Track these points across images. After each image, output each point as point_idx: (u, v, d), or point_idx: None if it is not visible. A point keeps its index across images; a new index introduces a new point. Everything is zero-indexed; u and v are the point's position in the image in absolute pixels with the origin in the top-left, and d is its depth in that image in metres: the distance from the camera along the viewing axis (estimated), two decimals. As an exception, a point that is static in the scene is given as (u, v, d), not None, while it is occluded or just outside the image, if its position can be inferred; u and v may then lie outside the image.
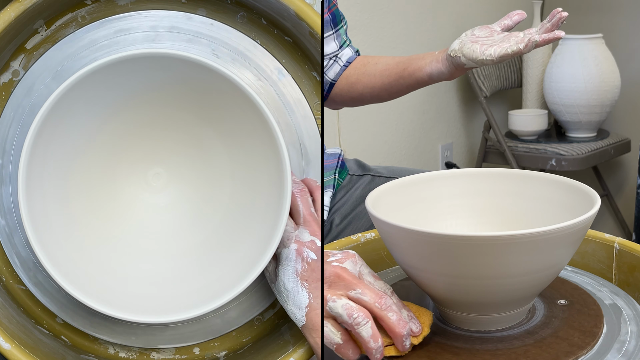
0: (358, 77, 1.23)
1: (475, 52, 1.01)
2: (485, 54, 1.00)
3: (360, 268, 0.70)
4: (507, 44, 0.98)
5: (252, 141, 0.71)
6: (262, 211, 0.70)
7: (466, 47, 1.02)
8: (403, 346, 0.66)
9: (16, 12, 0.69)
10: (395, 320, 0.66)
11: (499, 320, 0.70)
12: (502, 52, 0.98)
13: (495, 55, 0.99)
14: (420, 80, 1.14)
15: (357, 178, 1.27)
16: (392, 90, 1.20)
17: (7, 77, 0.72)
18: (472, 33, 1.05)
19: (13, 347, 0.69)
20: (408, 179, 0.81)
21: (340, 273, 0.68)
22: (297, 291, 0.69)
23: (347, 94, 1.25)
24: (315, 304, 0.68)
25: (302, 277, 0.69)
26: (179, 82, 0.70)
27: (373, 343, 0.65)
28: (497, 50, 0.99)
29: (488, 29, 1.05)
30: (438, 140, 2.67)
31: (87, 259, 0.70)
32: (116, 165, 0.74)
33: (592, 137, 2.55)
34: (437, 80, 1.13)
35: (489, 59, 0.99)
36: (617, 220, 2.86)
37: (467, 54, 1.02)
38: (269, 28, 0.76)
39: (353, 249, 0.90)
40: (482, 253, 0.63)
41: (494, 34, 1.04)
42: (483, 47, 1.00)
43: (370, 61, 1.24)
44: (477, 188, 0.82)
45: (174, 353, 0.76)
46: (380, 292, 0.67)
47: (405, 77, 1.16)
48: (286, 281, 0.69)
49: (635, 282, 0.80)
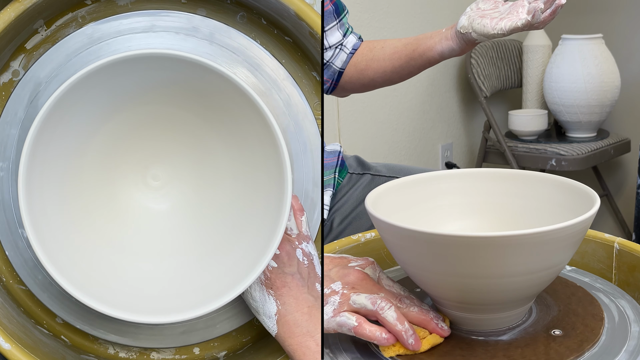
0: (367, 63, 1.24)
1: (486, 26, 1.02)
2: (496, 28, 1.01)
3: (379, 274, 0.72)
4: (515, 16, 0.99)
5: (252, 141, 0.71)
6: (262, 211, 0.70)
7: (476, 23, 1.03)
8: (441, 328, 0.69)
9: (16, 12, 0.69)
10: (418, 311, 0.69)
11: (499, 320, 0.70)
12: (513, 26, 0.99)
13: (506, 29, 1.00)
14: (431, 59, 1.16)
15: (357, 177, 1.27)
16: (403, 73, 1.21)
17: (7, 77, 0.72)
18: (477, 7, 1.06)
19: (13, 347, 0.69)
20: (408, 179, 0.81)
21: (364, 277, 0.70)
22: (265, 300, 0.71)
23: (357, 80, 1.26)
24: (283, 310, 0.70)
25: (266, 285, 0.71)
26: (179, 82, 0.70)
27: (400, 325, 0.66)
28: (508, 24, 1.00)
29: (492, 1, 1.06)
30: (438, 140, 2.67)
31: (87, 259, 0.70)
32: (116, 166, 0.74)
33: (592, 137, 2.55)
34: (448, 57, 1.14)
35: (500, 32, 1.01)
36: (617, 220, 2.86)
37: (478, 29, 1.03)
38: (269, 28, 0.76)
39: (353, 248, 0.90)
40: (481, 253, 0.63)
41: (498, 5, 1.05)
42: (493, 22, 1.01)
43: (377, 45, 1.24)
44: (477, 188, 0.82)
45: (174, 353, 0.76)
46: (399, 295, 0.70)
47: (416, 57, 1.17)
48: (252, 292, 0.71)
49: (635, 282, 0.80)
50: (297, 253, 0.72)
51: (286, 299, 0.70)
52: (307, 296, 0.71)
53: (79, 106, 0.68)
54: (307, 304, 0.70)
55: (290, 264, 0.72)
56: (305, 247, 0.73)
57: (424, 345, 0.68)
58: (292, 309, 0.70)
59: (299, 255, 0.72)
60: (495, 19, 1.01)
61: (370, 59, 1.23)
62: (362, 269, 0.71)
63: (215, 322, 0.76)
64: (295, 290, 0.71)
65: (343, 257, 0.74)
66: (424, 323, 0.68)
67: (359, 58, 1.25)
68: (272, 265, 0.71)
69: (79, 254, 0.69)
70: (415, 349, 0.67)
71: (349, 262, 0.73)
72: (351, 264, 0.72)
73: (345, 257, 0.75)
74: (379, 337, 0.66)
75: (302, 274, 0.72)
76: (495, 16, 1.02)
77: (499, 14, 1.02)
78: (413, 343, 0.67)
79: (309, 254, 0.73)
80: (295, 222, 0.73)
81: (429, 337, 0.68)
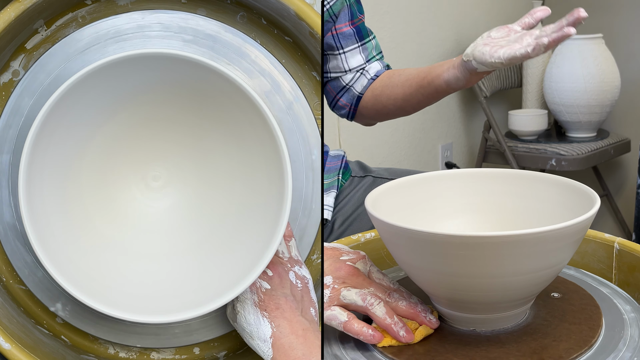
0: (382, 89, 1.21)
1: (484, 54, 0.95)
2: (494, 56, 0.93)
3: (370, 267, 0.74)
4: (518, 45, 0.91)
5: (252, 141, 0.71)
6: (262, 211, 0.70)
7: (477, 50, 0.96)
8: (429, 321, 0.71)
9: (16, 12, 0.69)
10: (407, 305, 0.71)
11: (499, 320, 0.70)
12: (511, 55, 0.91)
13: (503, 58, 0.92)
14: (439, 88, 1.09)
15: (358, 179, 1.27)
16: (414, 101, 1.16)
17: (7, 77, 0.72)
18: (488, 35, 0.99)
19: (13, 347, 0.69)
20: (408, 179, 0.81)
21: (354, 272, 0.72)
22: (259, 323, 0.69)
23: (372, 106, 1.23)
24: (278, 333, 0.68)
25: (260, 307, 0.70)
26: (179, 82, 0.70)
27: (389, 319, 0.69)
28: (507, 53, 0.92)
29: (506, 29, 0.98)
30: (438, 140, 2.67)
31: (87, 259, 0.70)
32: (116, 166, 0.74)
33: (592, 137, 2.55)
34: (456, 88, 1.07)
35: (498, 61, 0.93)
36: (617, 220, 2.86)
37: (478, 57, 0.96)
38: (269, 28, 0.76)
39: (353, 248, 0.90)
40: (481, 253, 0.63)
41: (510, 34, 0.97)
42: (493, 50, 0.94)
43: (396, 73, 1.21)
44: (476, 188, 0.82)
45: (174, 353, 0.76)
46: (388, 289, 0.72)
47: (425, 86, 1.12)
48: (247, 315, 0.70)
49: (635, 282, 0.80)
50: (290, 275, 0.72)
51: (280, 322, 0.69)
52: (301, 319, 0.70)
53: (79, 106, 0.68)
54: (302, 326, 0.69)
55: (282, 286, 0.71)
56: (298, 270, 0.73)
57: (417, 336, 0.70)
58: (286, 332, 0.68)
59: (291, 278, 0.72)
60: (496, 47, 0.94)
61: (386, 85, 1.20)
62: (353, 264, 0.73)
63: (215, 322, 0.76)
64: (288, 312, 0.69)
65: (335, 249, 0.76)
66: (413, 316, 0.71)
67: (377, 84, 1.22)
68: (265, 287, 0.70)
69: (79, 254, 0.69)
70: (408, 340, 0.69)
71: (341, 254, 0.74)
72: (343, 257, 0.74)
73: (337, 248, 0.76)
74: (366, 333, 0.69)
75: (296, 297, 0.71)
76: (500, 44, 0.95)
77: (506, 42, 0.94)
78: (404, 335, 0.69)
79: (302, 277, 0.73)
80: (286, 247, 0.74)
81: (420, 328, 0.70)
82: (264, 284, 0.70)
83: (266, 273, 0.71)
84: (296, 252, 0.74)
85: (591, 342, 0.67)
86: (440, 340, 0.70)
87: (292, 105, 0.76)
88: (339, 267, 0.72)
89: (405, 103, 1.17)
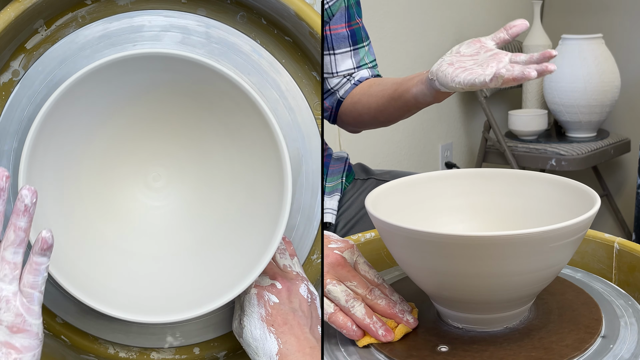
0: (360, 97, 1.17)
1: (447, 77, 0.85)
2: (455, 80, 0.84)
3: (356, 258, 0.74)
4: (480, 70, 0.82)
5: (252, 141, 0.71)
6: (262, 211, 0.70)
7: (440, 71, 0.87)
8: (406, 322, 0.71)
9: (16, 12, 0.69)
10: (385, 305, 0.71)
11: (499, 320, 0.70)
12: (471, 82, 0.82)
13: (464, 84, 0.83)
14: (408, 102, 1.03)
15: (361, 182, 1.27)
16: (387, 112, 1.11)
17: (7, 77, 0.72)
18: (457, 50, 0.90)
19: (13, 347, 0.69)
20: (408, 179, 0.81)
21: (340, 262, 0.72)
22: (265, 338, 0.68)
23: (349, 113, 1.20)
24: (285, 350, 0.67)
25: (267, 322, 0.68)
26: (179, 82, 0.70)
27: (367, 319, 0.70)
28: (467, 79, 0.82)
29: (477, 45, 0.89)
30: (438, 140, 2.67)
31: (87, 259, 0.70)
32: (116, 166, 0.74)
33: (592, 137, 2.55)
34: (424, 103, 1.00)
35: (458, 86, 0.84)
36: (617, 220, 2.86)
37: (440, 79, 0.87)
38: (269, 28, 0.76)
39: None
40: (481, 253, 0.63)
41: (480, 52, 0.87)
42: (455, 73, 0.84)
43: (376, 82, 1.16)
44: (477, 188, 0.82)
45: (174, 353, 0.76)
46: (371, 284, 0.72)
47: (396, 98, 1.06)
48: (253, 329, 0.68)
49: (635, 282, 0.80)
50: (301, 289, 0.71)
51: (287, 338, 0.67)
52: (310, 337, 0.68)
53: (79, 106, 0.68)
54: (309, 344, 0.67)
55: (291, 300, 0.70)
56: (308, 285, 0.73)
57: (397, 334, 0.70)
58: (293, 349, 0.67)
59: (302, 292, 0.71)
60: (459, 69, 0.85)
61: (364, 94, 1.16)
62: (341, 252, 0.73)
63: (215, 322, 0.76)
64: (297, 328, 0.68)
65: (325, 236, 0.76)
66: (391, 316, 0.71)
67: (357, 91, 1.18)
68: (273, 300, 0.69)
69: (79, 254, 0.69)
70: (388, 339, 0.70)
71: (330, 242, 0.74)
72: (331, 244, 0.74)
73: (327, 235, 0.76)
74: (349, 327, 0.70)
75: (305, 313, 0.70)
76: (465, 65, 0.85)
77: (473, 62, 0.85)
78: (384, 334, 0.69)
79: (312, 292, 0.73)
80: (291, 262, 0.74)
81: (400, 326, 0.71)
82: (272, 297, 0.69)
83: (275, 286, 0.70)
84: (299, 269, 0.74)
85: (591, 342, 0.67)
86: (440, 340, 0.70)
87: (292, 106, 0.76)
88: (326, 254, 0.72)
89: (379, 114, 1.13)
